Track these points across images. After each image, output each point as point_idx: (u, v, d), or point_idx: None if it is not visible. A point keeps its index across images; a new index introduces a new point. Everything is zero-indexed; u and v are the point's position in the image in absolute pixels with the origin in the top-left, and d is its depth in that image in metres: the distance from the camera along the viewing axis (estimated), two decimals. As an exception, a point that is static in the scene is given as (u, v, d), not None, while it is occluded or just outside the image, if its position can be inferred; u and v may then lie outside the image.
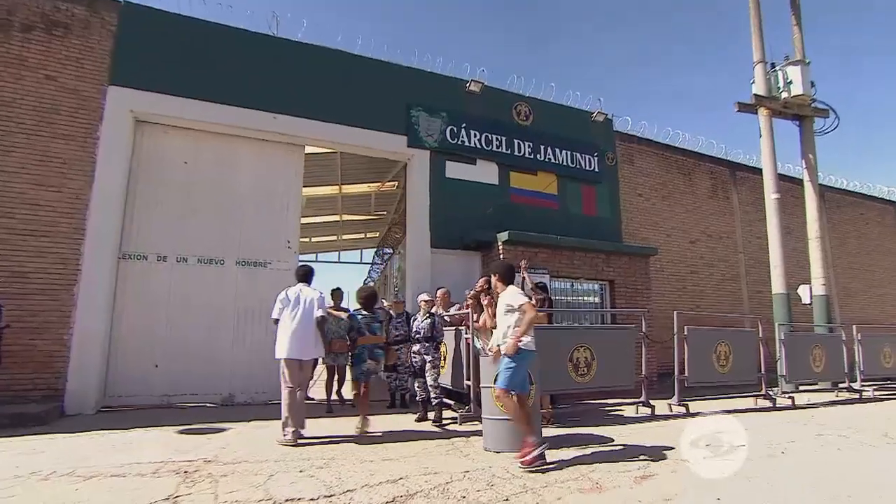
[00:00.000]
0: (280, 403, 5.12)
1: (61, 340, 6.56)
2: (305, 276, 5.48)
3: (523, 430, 4.30)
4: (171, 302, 7.56)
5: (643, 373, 6.84)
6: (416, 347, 6.33)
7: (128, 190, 7.48)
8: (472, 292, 6.99)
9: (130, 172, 7.55)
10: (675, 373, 6.96)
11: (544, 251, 9.00)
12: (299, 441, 4.97)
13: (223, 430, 5.66)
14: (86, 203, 6.88)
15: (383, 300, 8.57)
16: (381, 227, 17.86)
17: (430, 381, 6.18)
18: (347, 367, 6.58)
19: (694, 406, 6.97)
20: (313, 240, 19.16)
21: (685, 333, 7.07)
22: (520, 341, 4.36)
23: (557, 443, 5.11)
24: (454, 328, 6.77)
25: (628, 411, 6.81)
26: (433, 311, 6.65)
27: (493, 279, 4.81)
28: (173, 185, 7.84)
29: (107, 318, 6.95)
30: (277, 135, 8.36)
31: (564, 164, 10.55)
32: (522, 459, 4.16)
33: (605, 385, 6.50)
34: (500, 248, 8.75)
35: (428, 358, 6.17)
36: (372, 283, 22.60)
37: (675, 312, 7.13)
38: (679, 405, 6.84)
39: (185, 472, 4.04)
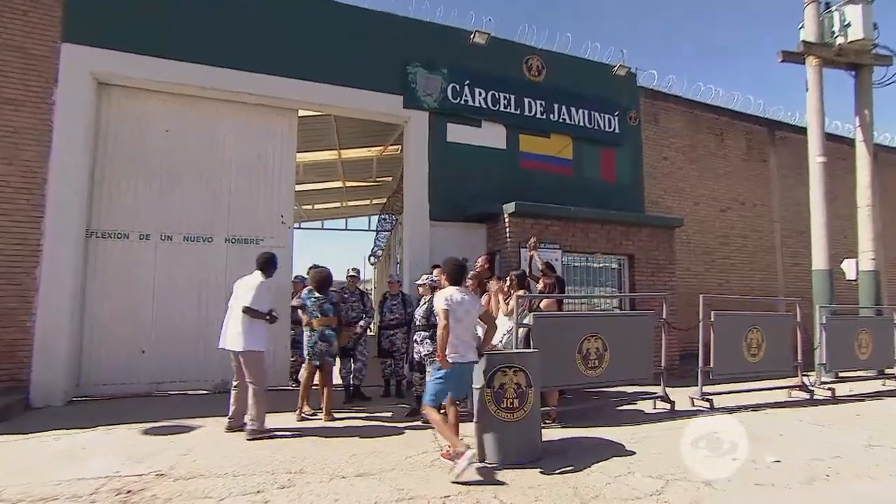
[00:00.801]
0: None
1: (24, 328, 6.19)
2: (261, 264, 5.37)
3: (449, 441, 4.15)
4: (157, 283, 7.15)
5: (662, 364, 6.22)
6: (415, 337, 5.80)
7: (95, 161, 6.95)
8: (473, 272, 6.41)
9: (98, 142, 6.99)
10: (699, 363, 6.33)
11: (556, 224, 8.29)
12: (275, 435, 4.98)
13: (192, 428, 5.29)
14: (43, 176, 6.37)
15: (395, 276, 7.97)
16: (387, 193, 17.23)
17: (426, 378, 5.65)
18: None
19: (719, 400, 6.37)
20: (316, 207, 18.74)
21: (712, 320, 6.39)
22: (446, 353, 4.18)
23: (562, 449, 4.59)
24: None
25: (645, 406, 6.23)
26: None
27: (440, 274, 4.68)
28: (153, 157, 7.29)
29: (75, 302, 6.54)
30: (264, 97, 7.69)
31: (581, 124, 9.67)
32: (442, 454, 4.31)
33: (619, 379, 5.94)
34: (506, 220, 8.07)
35: (424, 350, 5.62)
36: (373, 261, 22.14)
37: (700, 296, 6.43)
38: (702, 399, 6.24)
39: (129, 491, 3.64)
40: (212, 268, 7.45)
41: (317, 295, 5.84)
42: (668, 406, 6.07)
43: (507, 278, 5.89)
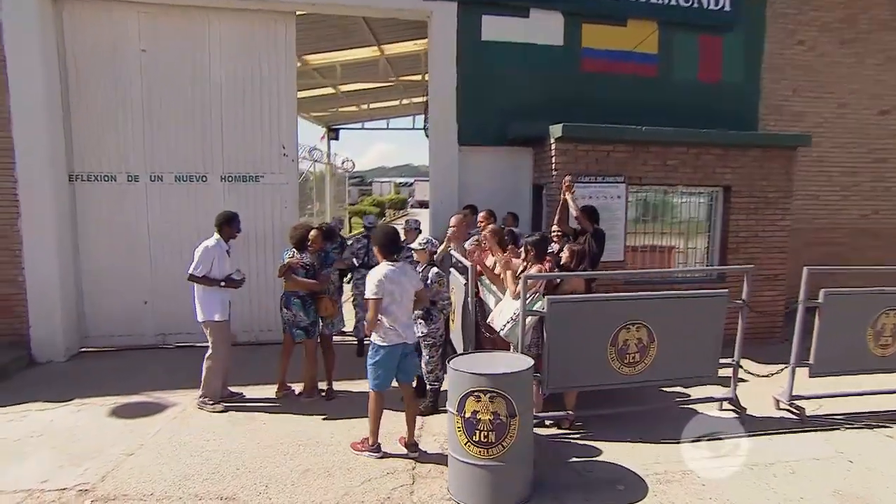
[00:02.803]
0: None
1: (16, 282, 6.32)
2: (217, 223, 5.11)
3: (370, 430, 4.26)
4: (151, 230, 6.96)
5: (735, 357, 4.95)
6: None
7: (65, 95, 6.54)
8: (486, 230, 5.38)
9: (63, 71, 6.53)
10: (792, 355, 4.97)
11: (621, 149, 6.73)
12: (230, 408, 5.10)
13: (165, 407, 5.20)
14: (6, 117, 6.08)
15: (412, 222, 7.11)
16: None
17: (423, 362, 4.96)
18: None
19: (812, 406, 5.06)
20: (372, 106, 17.99)
21: (820, 300, 4.89)
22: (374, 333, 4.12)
23: (564, 483, 3.78)
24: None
25: (707, 410, 5.10)
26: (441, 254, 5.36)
27: (376, 249, 4.26)
28: (131, 84, 6.76)
29: (64, 253, 6.53)
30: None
31: (672, 3, 7.49)
32: (352, 444, 4.36)
33: (668, 378, 4.84)
34: (552, 147, 6.66)
35: (420, 331, 4.86)
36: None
37: (804, 269, 4.88)
38: (790, 405, 4.97)
39: (34, 517, 3.48)
40: (208, 210, 7.00)
41: (291, 252, 5.29)
42: (737, 413, 4.90)
43: (524, 248, 4.78)
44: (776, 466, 4.12)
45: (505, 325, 4.53)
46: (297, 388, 5.43)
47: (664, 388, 5.31)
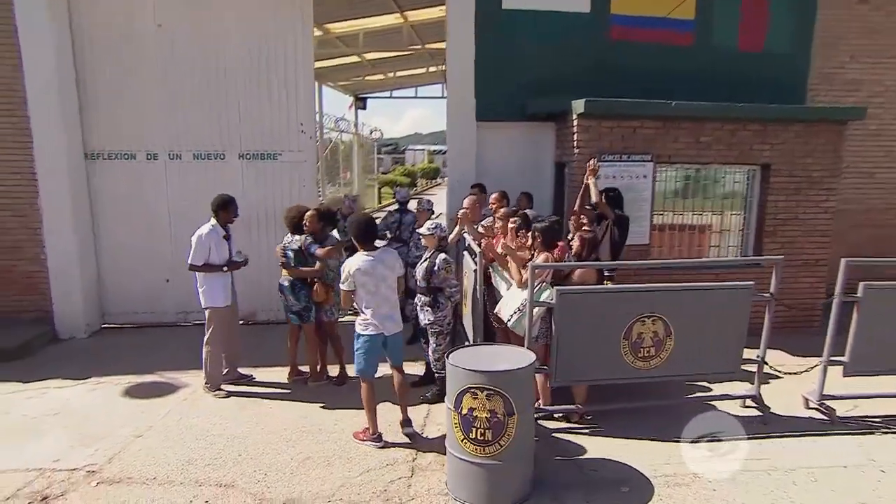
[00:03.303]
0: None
1: (38, 260, 6.57)
2: (213, 208, 5.14)
3: (368, 419, 4.35)
4: (171, 208, 7.07)
5: (761, 353, 4.74)
6: (415, 301, 4.99)
7: (80, 71, 6.63)
8: (498, 214, 5.26)
9: (77, 47, 6.60)
10: (824, 355, 4.72)
11: (649, 125, 6.42)
12: (233, 394, 5.20)
13: (177, 388, 5.38)
14: (21, 96, 6.21)
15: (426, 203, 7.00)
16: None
17: (430, 351, 4.93)
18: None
19: (843, 406, 4.81)
20: (398, 74, 17.77)
21: (860, 294, 4.60)
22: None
23: (564, 482, 3.73)
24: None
25: (729, 408, 4.92)
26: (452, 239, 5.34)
27: (353, 240, 4.27)
28: (147, 60, 6.79)
29: (82, 231, 6.73)
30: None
31: (713, -38, 7.01)
32: (354, 433, 4.43)
33: (685, 374, 4.68)
34: (575, 124, 6.41)
35: (426, 319, 4.82)
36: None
37: (842, 261, 4.58)
38: (819, 405, 4.75)
39: (43, 499, 3.67)
40: (227, 188, 7.04)
41: (288, 237, 5.29)
42: (760, 414, 4.71)
43: (531, 234, 4.64)
44: (797, 473, 3.95)
45: (511, 316, 4.44)
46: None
47: (685, 383, 5.14)
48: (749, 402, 4.87)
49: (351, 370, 5.43)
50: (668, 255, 6.92)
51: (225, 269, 5.02)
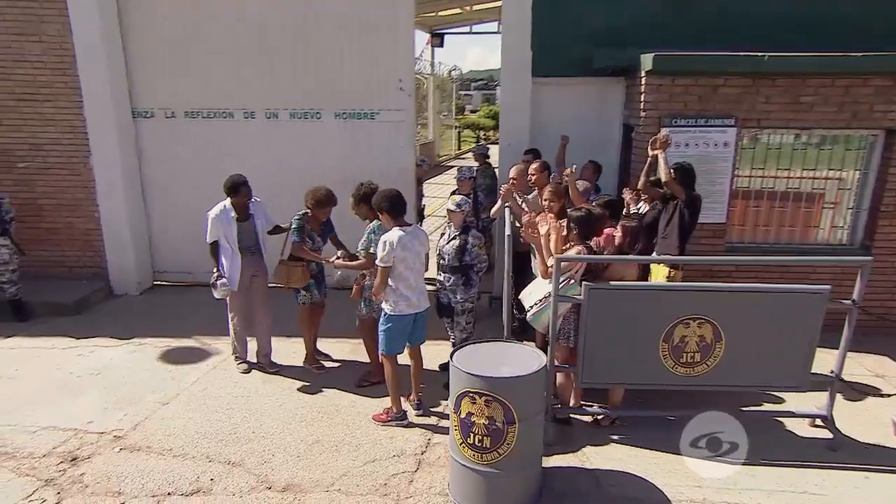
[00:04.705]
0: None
1: (93, 218, 7.24)
2: (225, 190, 5.13)
3: (391, 398, 4.55)
4: (264, 167, 7.14)
5: (836, 369, 4.33)
6: (440, 278, 4.99)
7: (124, 26, 7.00)
8: (545, 192, 5.05)
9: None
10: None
11: (734, 82, 5.81)
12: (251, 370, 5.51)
13: (210, 354, 5.86)
14: (71, 55, 6.70)
15: (465, 171, 6.90)
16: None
17: (455, 331, 4.97)
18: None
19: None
20: (466, 9, 17.27)
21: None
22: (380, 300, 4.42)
23: (582, 497, 3.72)
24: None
25: (793, 426, 4.59)
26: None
27: (382, 216, 4.34)
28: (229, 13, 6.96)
29: (133, 190, 7.31)
30: None
31: None
32: (374, 416, 4.65)
33: (736, 384, 4.38)
34: (643, 81, 5.94)
35: (456, 298, 4.84)
36: None
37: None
38: (909, 430, 4.31)
39: (73, 459, 4.18)
40: (321, 149, 7.28)
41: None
42: (830, 435, 4.35)
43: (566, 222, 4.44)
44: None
45: (531, 308, 4.34)
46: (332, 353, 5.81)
47: (739, 395, 4.82)
48: (819, 421, 4.51)
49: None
50: (753, 236, 6.42)
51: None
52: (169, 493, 3.83)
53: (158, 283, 7.85)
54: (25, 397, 5.02)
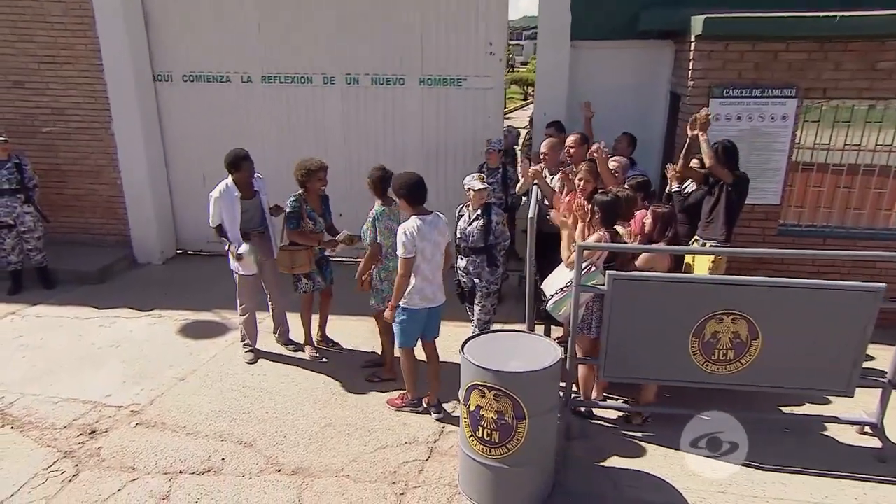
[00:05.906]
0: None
1: (116, 185, 7.57)
2: (226, 165, 5.08)
3: (407, 385, 4.69)
4: (345, 132, 7.37)
5: (889, 374, 4.22)
6: (461, 263, 5.04)
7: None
8: (581, 169, 5.00)
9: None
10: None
11: (798, 47, 5.54)
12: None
13: (229, 329, 6.14)
14: (91, 16, 6.91)
15: (494, 143, 6.78)
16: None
17: (478, 314, 5.04)
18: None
19: None
20: None
21: None
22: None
23: (595, 499, 3.82)
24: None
25: (836, 433, 4.51)
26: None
27: (400, 202, 4.34)
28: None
29: (154, 157, 7.57)
30: None
31: None
32: (389, 401, 4.84)
33: (774, 385, 4.30)
34: (692, 47, 5.73)
35: (479, 282, 4.91)
36: None
37: None
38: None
39: (92, 432, 4.51)
40: (404, 116, 7.29)
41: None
42: (880, 444, 4.27)
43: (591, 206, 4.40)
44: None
45: (552, 296, 4.37)
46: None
47: (779, 396, 4.76)
48: (868, 428, 4.42)
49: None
50: (812, 217, 6.20)
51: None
52: (180, 472, 4.09)
53: (181, 250, 8.18)
54: (49, 367, 5.40)
